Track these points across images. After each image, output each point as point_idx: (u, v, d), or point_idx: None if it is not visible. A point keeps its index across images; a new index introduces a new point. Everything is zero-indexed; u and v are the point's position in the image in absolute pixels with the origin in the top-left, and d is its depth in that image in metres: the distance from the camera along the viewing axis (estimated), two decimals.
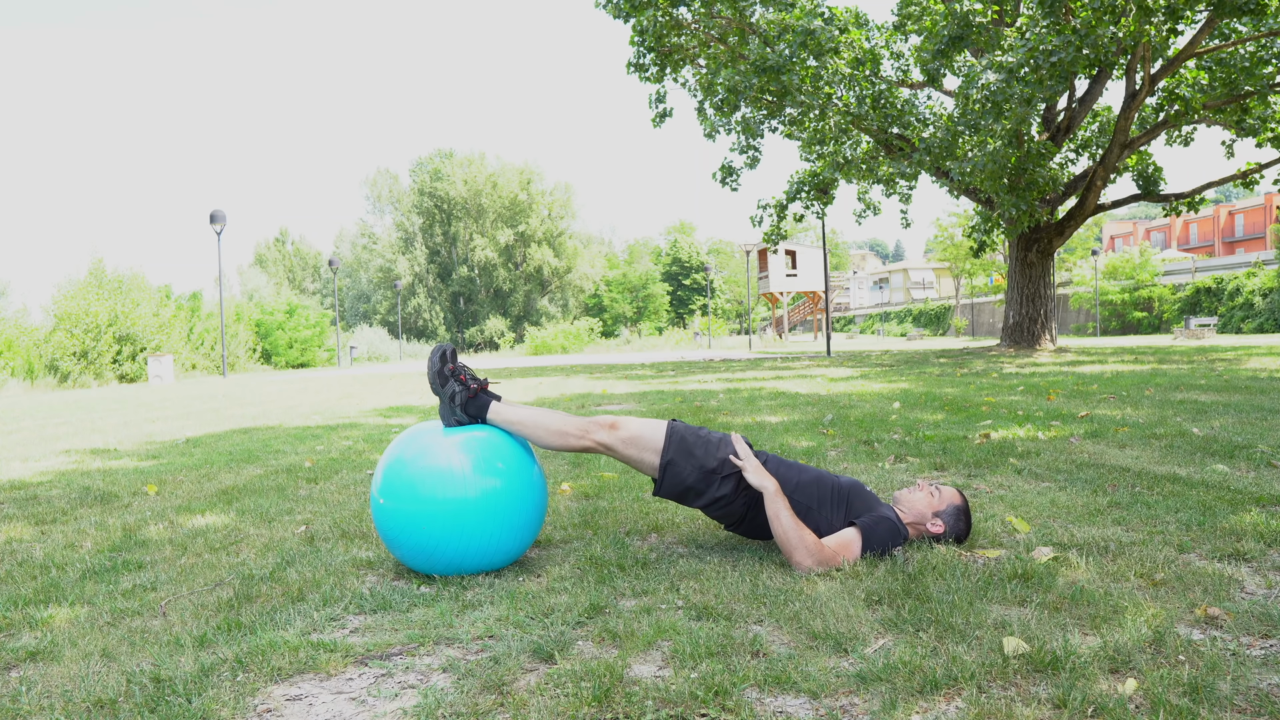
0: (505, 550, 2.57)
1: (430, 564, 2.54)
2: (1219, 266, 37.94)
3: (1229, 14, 12.59)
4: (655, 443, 2.66)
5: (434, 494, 2.48)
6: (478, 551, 2.51)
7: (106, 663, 1.97)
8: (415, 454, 2.56)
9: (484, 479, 2.51)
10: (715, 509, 2.67)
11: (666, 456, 2.63)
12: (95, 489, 4.29)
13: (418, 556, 2.53)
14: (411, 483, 2.50)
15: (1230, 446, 4.25)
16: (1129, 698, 1.60)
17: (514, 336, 57.25)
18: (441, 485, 2.48)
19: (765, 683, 1.74)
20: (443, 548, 2.48)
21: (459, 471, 2.49)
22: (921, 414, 6.32)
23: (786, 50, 14.87)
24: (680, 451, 2.64)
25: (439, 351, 2.71)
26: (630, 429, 2.68)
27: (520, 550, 2.64)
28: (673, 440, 2.66)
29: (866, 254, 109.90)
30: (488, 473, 2.52)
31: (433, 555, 2.51)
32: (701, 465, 2.62)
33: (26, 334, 23.97)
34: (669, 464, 2.63)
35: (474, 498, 2.48)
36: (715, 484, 2.62)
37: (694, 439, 2.68)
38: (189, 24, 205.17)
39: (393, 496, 2.51)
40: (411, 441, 2.61)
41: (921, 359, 16.11)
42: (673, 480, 2.63)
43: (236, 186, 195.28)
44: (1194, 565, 2.39)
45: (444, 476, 2.49)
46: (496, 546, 2.53)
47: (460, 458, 2.52)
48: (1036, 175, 14.80)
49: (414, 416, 7.87)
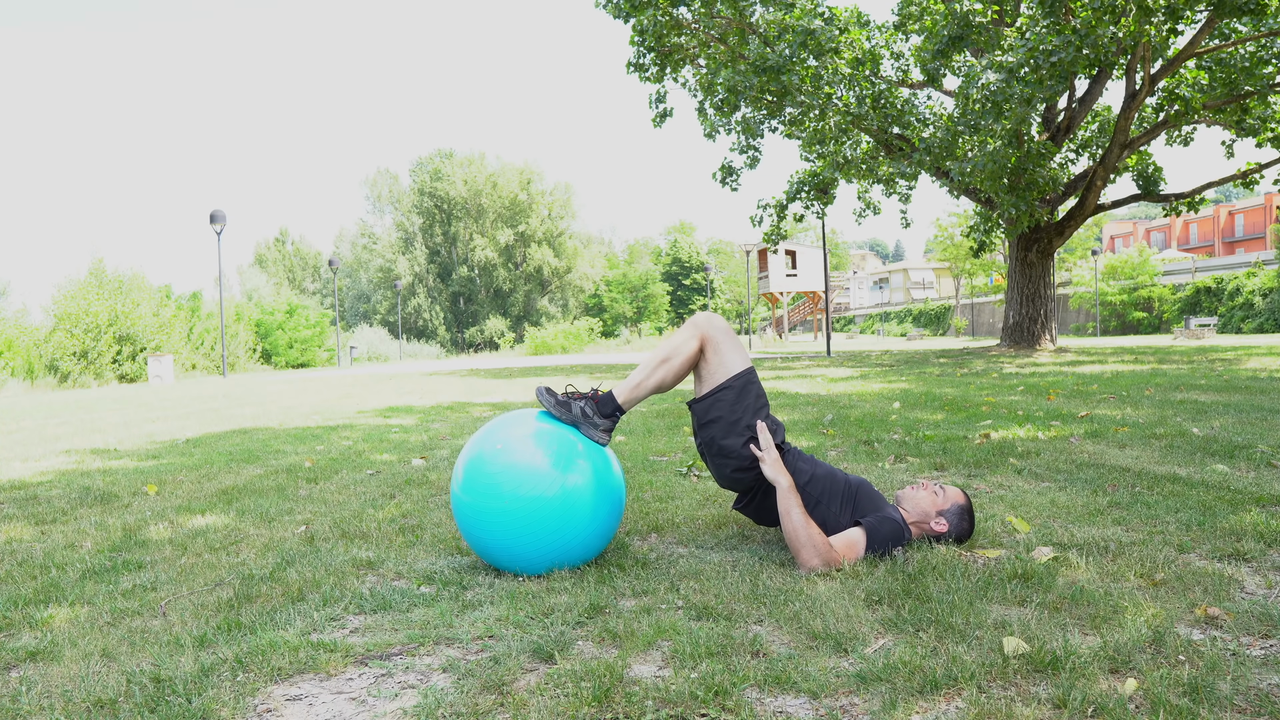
0: (588, 545, 2.59)
1: (512, 561, 2.53)
2: (1219, 266, 37.93)
3: (1229, 14, 12.59)
4: (731, 364, 2.73)
5: (516, 490, 2.47)
6: (570, 546, 2.52)
7: (106, 663, 1.97)
8: (501, 447, 2.56)
9: (569, 475, 2.51)
10: (726, 463, 2.69)
11: (728, 382, 2.69)
12: (95, 489, 4.29)
13: (500, 553, 2.53)
14: (498, 479, 2.49)
15: (1230, 446, 4.25)
16: (1129, 698, 1.60)
17: (514, 336, 57.25)
18: (526, 482, 2.48)
19: (765, 683, 1.74)
20: (529, 543, 2.48)
21: (543, 468, 2.50)
22: (921, 414, 6.32)
23: (786, 50, 14.87)
24: (740, 388, 2.70)
25: (541, 390, 2.74)
26: (725, 328, 2.76)
27: (603, 545, 2.66)
28: (744, 376, 2.72)
29: (866, 254, 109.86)
30: (570, 469, 2.53)
31: (516, 551, 2.50)
32: (742, 417, 2.67)
33: (26, 334, 23.98)
34: (724, 388, 2.69)
35: (555, 495, 2.48)
36: (740, 441, 2.66)
37: (756, 391, 2.73)
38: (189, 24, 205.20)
39: (476, 491, 2.49)
40: (496, 434, 2.60)
41: (921, 359, 16.11)
42: (716, 403, 2.69)
43: (236, 186, 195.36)
44: (1194, 565, 2.39)
45: (530, 473, 2.49)
46: (589, 537, 2.55)
47: (539, 454, 2.52)
48: (1036, 175, 14.80)
49: (414, 417, 7.87)
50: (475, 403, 9.26)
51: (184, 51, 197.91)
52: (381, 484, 4.21)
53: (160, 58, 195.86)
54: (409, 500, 3.77)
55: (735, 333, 2.81)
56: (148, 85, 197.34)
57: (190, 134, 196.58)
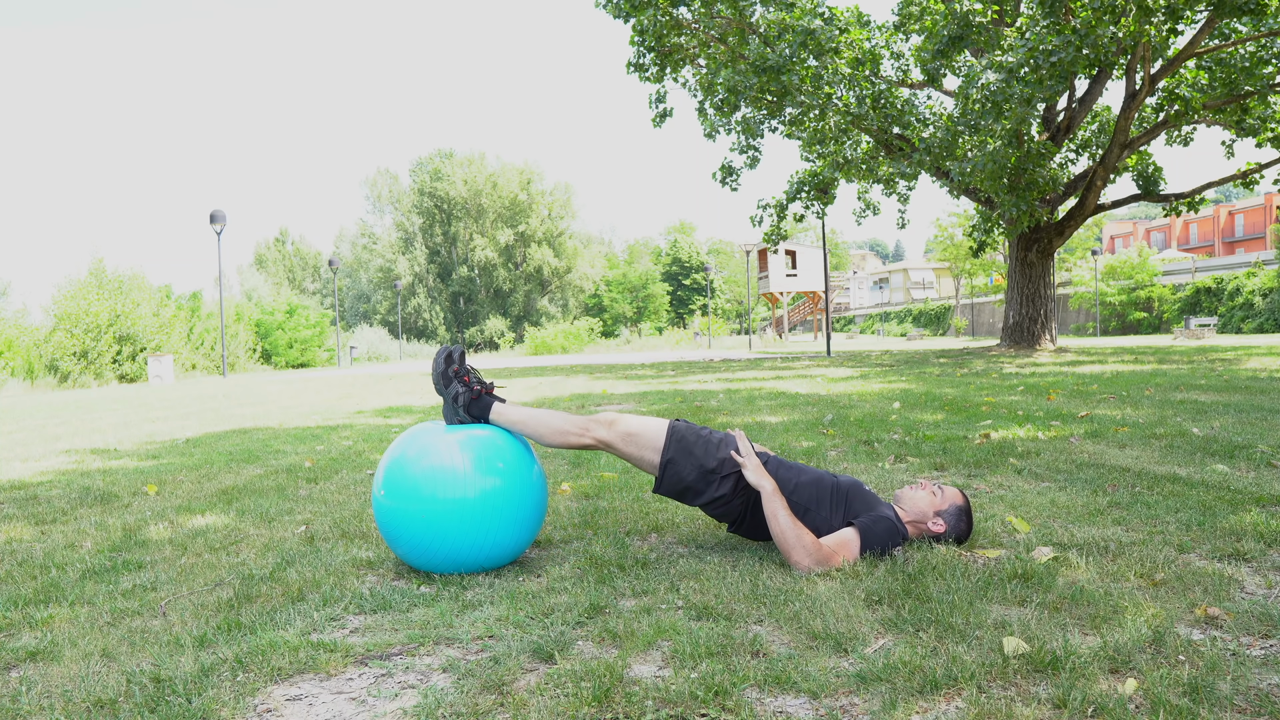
0: (505, 549, 2.57)
1: (430, 562, 2.54)
2: (1219, 266, 37.92)
3: (1229, 14, 12.59)
4: (656, 441, 2.68)
5: (435, 492, 2.48)
6: (476, 549, 2.51)
7: (106, 663, 1.97)
8: (417, 452, 2.57)
9: (484, 478, 2.52)
10: (714, 508, 2.67)
11: (667, 455, 2.65)
12: (95, 489, 4.29)
13: (417, 554, 2.54)
14: (413, 481, 2.51)
15: (1230, 446, 4.25)
16: (1129, 698, 1.60)
17: (514, 336, 57.25)
18: (442, 484, 2.49)
19: (765, 683, 1.74)
20: (442, 546, 2.49)
21: (460, 470, 2.50)
22: (921, 414, 6.32)
23: (786, 50, 14.87)
24: (680, 450, 2.66)
25: (444, 353, 2.73)
26: (629, 426, 2.70)
27: (520, 549, 2.64)
28: (673, 439, 2.68)
29: (866, 254, 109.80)
30: (488, 471, 2.53)
31: (432, 553, 2.51)
32: (701, 465, 2.64)
33: (26, 334, 23.99)
34: (669, 462, 2.65)
35: (474, 496, 2.48)
36: (714, 484, 2.63)
37: (694, 438, 2.69)
38: (189, 24, 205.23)
39: (394, 493, 2.52)
40: (413, 440, 2.62)
41: (921, 359, 16.11)
42: (672, 478, 2.65)
43: (236, 186, 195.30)
44: (1194, 565, 2.39)
45: (445, 475, 2.50)
46: (495, 545, 2.54)
47: (461, 456, 2.53)
48: (1036, 175, 14.80)
49: (413, 417, 7.87)
50: None
51: (184, 51, 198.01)
52: None
53: (160, 58, 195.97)
54: None
55: (637, 416, 2.75)
56: (147, 85, 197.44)
57: (190, 134, 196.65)
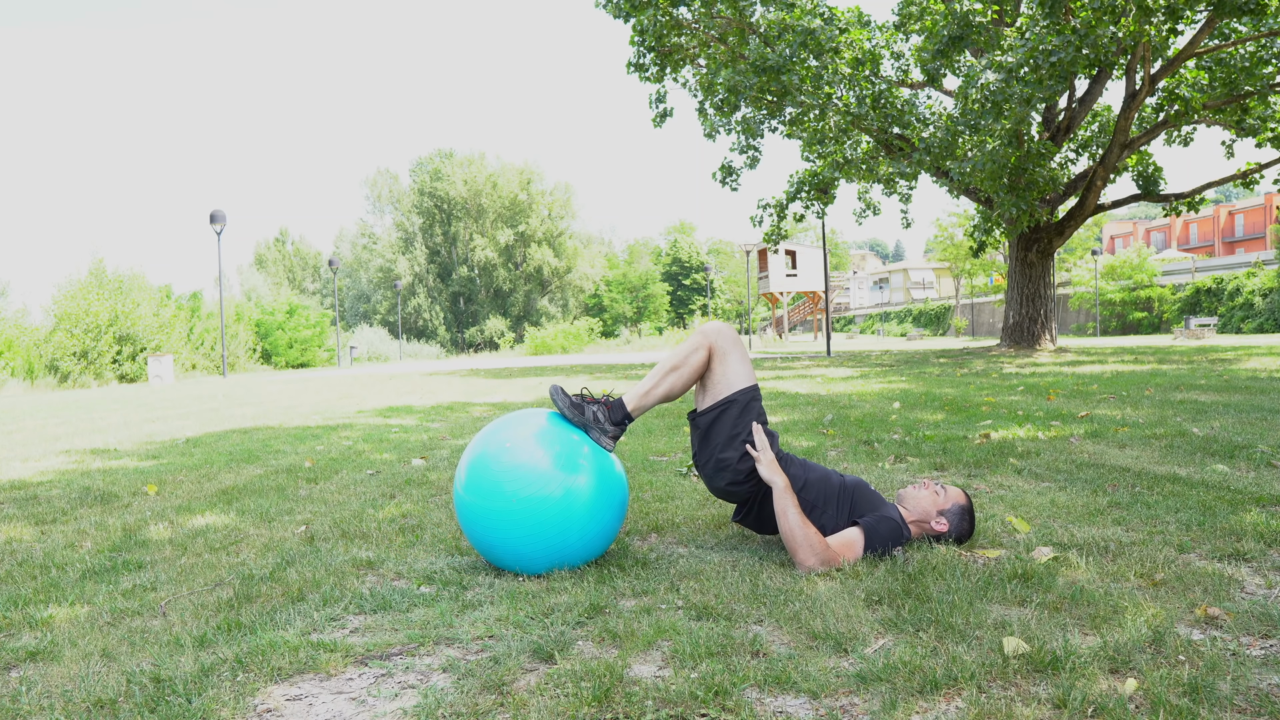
0: (599, 543, 2.61)
1: (519, 562, 2.54)
2: (1219, 266, 37.92)
3: (1229, 14, 12.58)
4: (735, 378, 2.72)
5: (520, 491, 2.47)
6: (572, 547, 2.53)
7: (106, 663, 1.97)
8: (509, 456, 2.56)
9: (572, 476, 2.52)
10: (724, 476, 2.69)
11: (732, 396, 2.70)
12: (95, 489, 4.29)
13: (509, 556, 2.53)
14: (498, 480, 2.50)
15: (1230, 446, 4.25)
16: (1129, 698, 1.60)
17: (514, 336, 57.27)
18: (531, 484, 2.49)
19: (765, 683, 1.74)
20: (542, 546, 2.49)
21: (547, 472, 2.51)
22: (921, 414, 6.32)
23: (786, 50, 14.87)
24: (743, 404, 2.70)
25: (556, 391, 2.73)
26: (735, 339, 2.77)
27: (609, 542, 2.68)
28: (748, 392, 2.72)
29: (866, 254, 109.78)
30: (574, 470, 2.54)
31: (526, 554, 2.51)
32: (738, 431, 2.68)
33: (26, 334, 23.98)
34: (729, 402, 2.69)
35: (558, 496, 2.49)
36: (738, 455, 2.66)
37: (756, 411, 2.73)
38: (189, 24, 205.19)
39: (509, 492, 2.49)
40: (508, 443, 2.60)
41: (921, 359, 16.11)
42: (718, 416, 2.69)
43: (236, 186, 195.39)
44: (1194, 565, 2.39)
45: (533, 476, 2.49)
46: (598, 536, 2.57)
47: (547, 457, 2.53)
48: (1036, 175, 14.80)
49: (414, 417, 7.87)
50: (475, 403, 9.26)
51: (184, 51, 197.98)
52: (381, 484, 4.21)
53: (160, 57, 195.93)
54: (409, 500, 3.77)
55: (744, 345, 2.79)
56: (148, 85, 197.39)
57: (190, 134, 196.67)
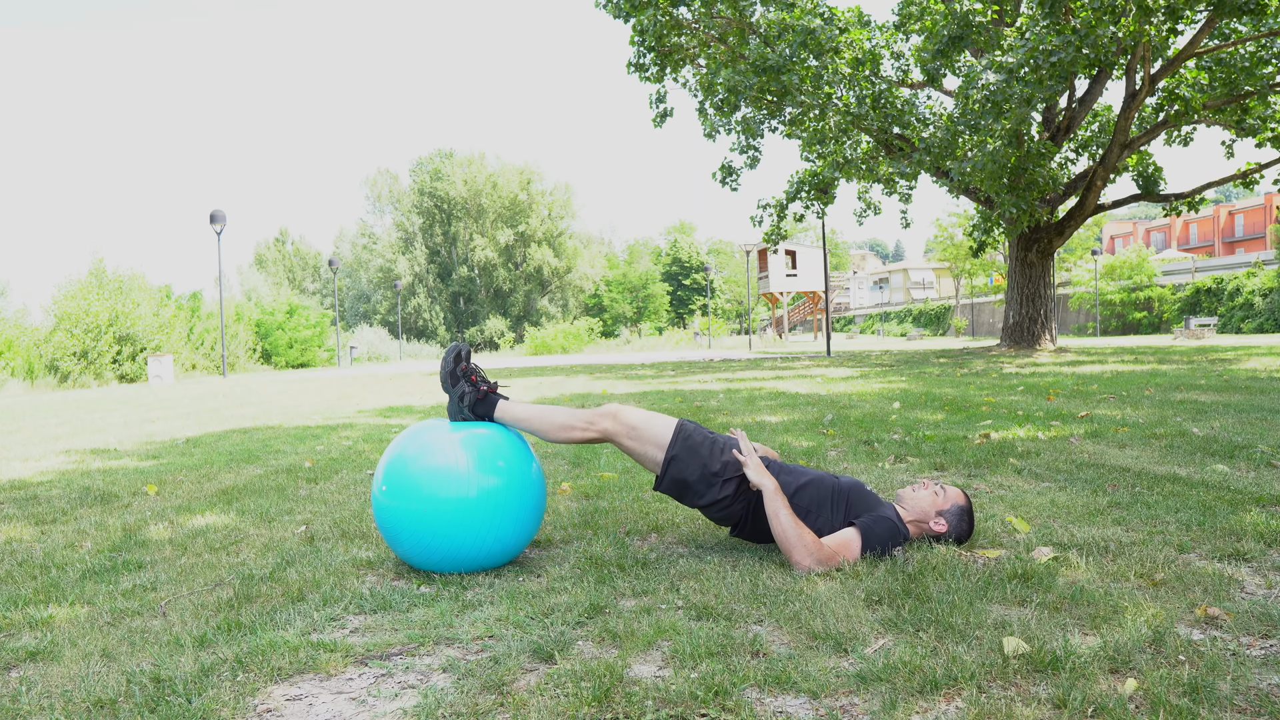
0: (505, 547, 2.57)
1: (429, 560, 2.55)
2: (1219, 266, 37.92)
3: (1229, 14, 12.59)
4: (661, 437, 2.67)
5: (435, 491, 2.49)
6: (477, 548, 2.51)
7: (106, 663, 1.97)
8: (418, 450, 2.57)
9: (485, 476, 2.52)
10: (715, 510, 2.67)
11: (671, 451, 2.64)
12: (95, 489, 4.28)
13: (417, 552, 2.54)
14: (414, 478, 2.51)
15: (1230, 446, 4.24)
16: (1129, 698, 1.60)
17: (514, 336, 57.27)
18: (443, 482, 2.49)
19: (765, 683, 1.74)
20: (442, 544, 2.49)
21: (461, 468, 2.50)
22: (921, 414, 6.32)
23: (786, 50, 14.87)
24: (686, 449, 2.65)
25: (454, 351, 2.73)
26: (635, 419, 2.68)
27: (519, 548, 2.64)
28: (680, 436, 2.67)
29: (866, 254, 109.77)
30: (489, 470, 2.53)
31: (432, 551, 2.52)
32: (705, 466, 2.63)
33: (27, 334, 23.99)
34: (673, 459, 2.64)
35: (474, 495, 2.49)
36: (717, 486, 2.62)
37: (700, 439, 2.68)
38: (189, 24, 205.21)
39: (395, 491, 2.52)
40: (415, 438, 2.62)
41: (921, 359, 16.11)
42: (675, 476, 2.64)
43: (236, 186, 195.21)
44: (1194, 565, 2.39)
45: (446, 473, 2.50)
46: (496, 542, 2.54)
47: (462, 454, 2.53)
48: (1036, 175, 14.80)
49: (414, 416, 7.87)
50: None
51: (183, 51, 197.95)
52: None
53: (159, 57, 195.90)
54: None
55: (644, 410, 2.74)
56: (147, 85, 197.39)
57: (190, 134, 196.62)
